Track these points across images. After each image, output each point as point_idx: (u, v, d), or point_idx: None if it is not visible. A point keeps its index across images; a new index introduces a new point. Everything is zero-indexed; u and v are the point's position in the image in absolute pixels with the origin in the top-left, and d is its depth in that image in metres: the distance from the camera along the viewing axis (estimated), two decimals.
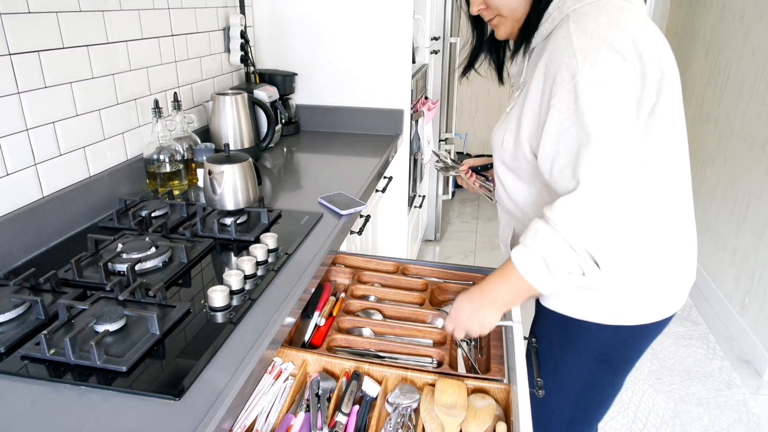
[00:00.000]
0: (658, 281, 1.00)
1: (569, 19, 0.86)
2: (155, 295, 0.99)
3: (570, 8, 0.87)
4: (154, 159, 1.50)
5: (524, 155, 0.96)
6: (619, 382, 1.12)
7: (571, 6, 0.87)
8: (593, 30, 0.83)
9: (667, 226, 0.97)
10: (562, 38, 0.85)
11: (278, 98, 2.06)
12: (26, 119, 1.17)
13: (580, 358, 1.08)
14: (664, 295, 1.02)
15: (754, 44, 2.61)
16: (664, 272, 1.00)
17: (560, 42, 0.85)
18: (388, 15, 2.09)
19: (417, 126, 2.48)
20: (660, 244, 0.97)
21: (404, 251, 2.52)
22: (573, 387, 1.12)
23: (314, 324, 1.10)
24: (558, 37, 0.86)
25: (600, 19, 0.83)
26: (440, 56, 3.11)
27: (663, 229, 0.96)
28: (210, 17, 1.88)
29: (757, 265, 2.46)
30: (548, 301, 1.08)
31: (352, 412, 0.88)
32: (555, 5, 0.90)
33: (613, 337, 1.03)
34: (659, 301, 1.02)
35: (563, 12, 0.88)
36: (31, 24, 1.16)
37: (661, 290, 1.01)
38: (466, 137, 4.59)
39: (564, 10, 0.88)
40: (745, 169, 2.62)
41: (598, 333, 1.03)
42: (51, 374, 0.81)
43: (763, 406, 2.21)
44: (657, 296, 1.01)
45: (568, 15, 0.87)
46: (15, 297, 0.96)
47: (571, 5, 0.87)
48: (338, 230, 1.33)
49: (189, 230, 1.24)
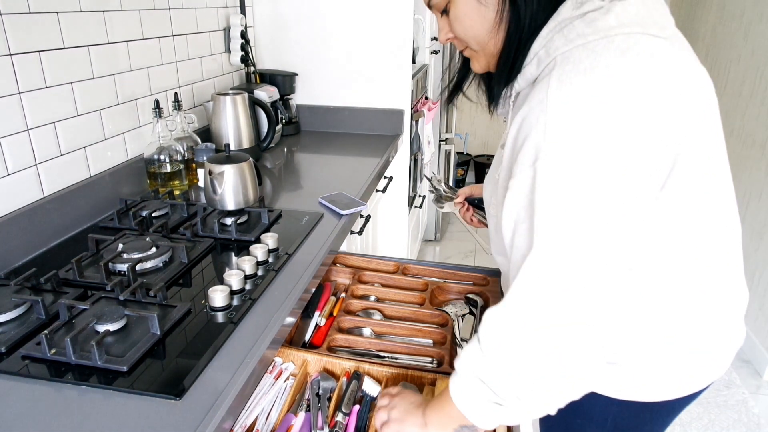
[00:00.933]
0: (689, 357, 0.80)
1: (555, 67, 0.65)
2: (156, 295, 0.99)
3: (558, 50, 0.66)
4: (155, 159, 1.50)
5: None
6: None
7: (559, 47, 0.66)
8: (576, 95, 0.62)
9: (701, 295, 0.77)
10: (538, 102, 0.64)
11: (278, 98, 2.06)
12: (27, 119, 1.17)
13: (589, 429, 0.90)
14: (695, 370, 0.81)
15: (754, 44, 2.61)
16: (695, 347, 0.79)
17: (535, 107, 0.65)
18: (388, 15, 2.09)
19: (417, 126, 2.48)
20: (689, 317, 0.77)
21: (404, 251, 2.52)
22: None
23: (315, 324, 1.10)
24: (535, 98, 0.65)
25: (592, 75, 0.61)
26: (440, 56, 3.11)
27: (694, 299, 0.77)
28: (210, 17, 1.88)
29: (757, 265, 2.47)
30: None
31: (353, 412, 0.89)
32: (540, 43, 0.69)
33: (627, 412, 0.84)
34: (688, 376, 0.81)
35: (550, 54, 0.67)
36: (32, 24, 1.16)
37: (692, 365, 0.81)
38: (466, 137, 4.60)
39: (551, 52, 0.67)
40: (744, 169, 2.62)
41: (608, 406, 0.84)
42: (52, 374, 0.81)
43: (763, 406, 2.21)
44: (686, 372, 0.81)
45: (555, 59, 0.66)
46: (16, 297, 0.96)
47: (560, 45, 0.66)
48: (338, 230, 1.33)
49: (189, 230, 1.24)
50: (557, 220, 0.63)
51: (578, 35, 0.65)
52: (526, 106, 0.67)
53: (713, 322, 0.79)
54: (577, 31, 0.65)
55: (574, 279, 0.63)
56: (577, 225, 0.62)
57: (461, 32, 0.77)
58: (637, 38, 0.63)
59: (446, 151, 3.34)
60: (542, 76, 0.68)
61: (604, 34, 0.63)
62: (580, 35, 0.65)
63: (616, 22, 0.63)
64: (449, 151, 3.37)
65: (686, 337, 0.78)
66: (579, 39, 0.65)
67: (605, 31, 0.63)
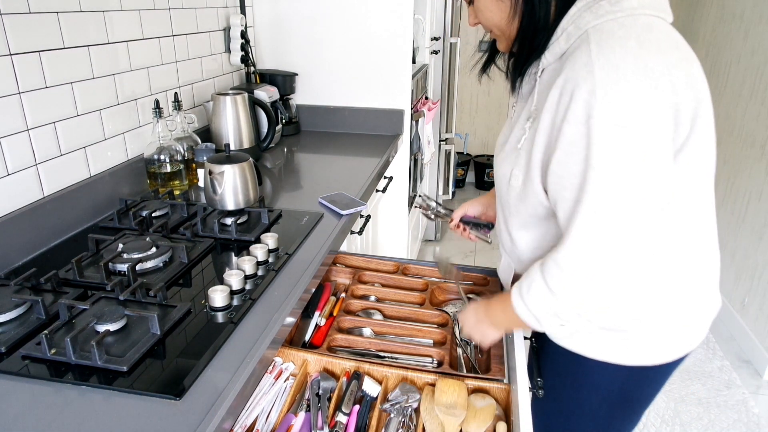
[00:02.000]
0: (683, 320, 0.91)
1: (590, 38, 0.73)
2: (156, 295, 0.99)
3: (589, 23, 0.75)
4: (155, 159, 1.50)
5: (535, 195, 0.86)
6: (636, 420, 1.04)
7: (590, 21, 0.75)
8: (620, 59, 0.70)
9: (691, 261, 0.88)
10: (583, 65, 0.72)
11: (278, 98, 2.06)
12: (27, 119, 1.17)
13: (595, 399, 0.99)
14: (688, 332, 0.93)
15: (754, 44, 2.61)
16: (688, 310, 0.91)
17: (579, 70, 0.73)
18: (388, 15, 2.09)
19: (417, 126, 2.48)
20: (684, 281, 0.88)
21: (404, 251, 2.52)
22: (586, 428, 1.03)
23: (315, 324, 1.10)
24: (578, 62, 0.73)
25: (628, 42, 0.71)
26: (440, 56, 3.11)
27: (687, 264, 0.88)
28: (210, 17, 1.88)
29: (757, 265, 2.46)
30: (563, 341, 0.97)
31: (353, 412, 0.89)
32: (569, 19, 0.78)
33: (632, 377, 0.94)
34: (682, 338, 0.93)
35: (580, 27, 0.76)
36: (32, 24, 1.16)
37: (685, 328, 0.93)
38: (466, 137, 4.60)
39: (581, 26, 0.76)
40: (744, 169, 2.62)
41: (615, 374, 0.94)
42: (52, 374, 0.81)
43: (763, 406, 2.21)
44: (681, 334, 0.93)
45: (587, 32, 0.75)
46: (16, 297, 0.96)
47: (591, 20, 0.75)
48: (338, 230, 1.33)
49: (190, 230, 1.24)
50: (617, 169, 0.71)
51: (606, 12, 0.75)
52: (567, 70, 0.75)
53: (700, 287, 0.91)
54: (605, 8, 0.75)
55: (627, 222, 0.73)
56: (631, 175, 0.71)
57: (483, 20, 0.89)
58: (654, 19, 0.75)
59: (446, 151, 3.34)
60: (574, 47, 0.77)
61: (630, 12, 0.74)
62: (609, 12, 0.75)
63: (637, 3, 0.75)
64: (449, 151, 3.37)
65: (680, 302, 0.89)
66: (608, 15, 0.74)
67: (630, 10, 0.74)
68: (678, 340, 0.92)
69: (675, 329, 0.91)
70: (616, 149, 0.71)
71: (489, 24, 0.89)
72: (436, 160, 3.33)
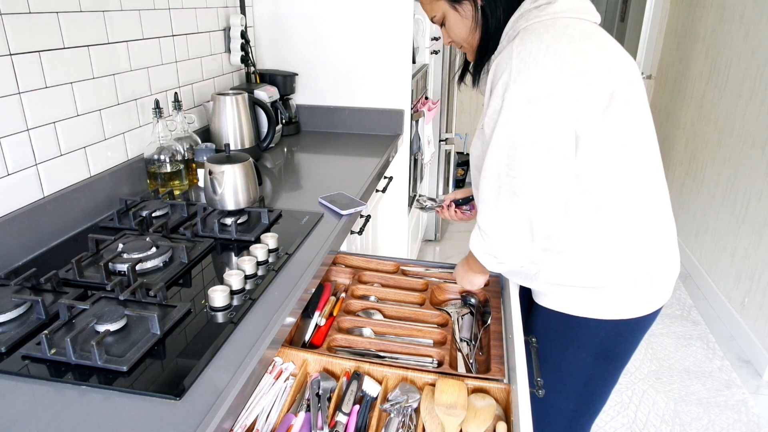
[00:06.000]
0: (651, 276, 1.05)
1: (518, 35, 0.92)
2: (156, 295, 0.99)
3: (521, 26, 0.94)
4: (155, 159, 1.50)
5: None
6: (618, 375, 1.17)
7: (522, 24, 0.94)
8: (535, 47, 0.87)
9: (650, 224, 1.02)
10: (506, 54, 0.90)
11: (279, 98, 2.06)
12: (27, 119, 1.17)
13: (581, 354, 1.11)
14: (656, 288, 1.07)
15: (754, 44, 2.61)
16: (655, 267, 1.05)
17: (503, 59, 0.90)
18: (388, 15, 2.09)
19: (417, 126, 2.48)
20: (647, 242, 1.02)
21: (404, 251, 2.52)
22: (575, 383, 1.15)
23: (315, 324, 1.10)
24: (505, 53, 0.91)
25: (544, 36, 0.88)
26: (440, 56, 3.11)
27: (647, 226, 1.01)
28: (210, 17, 1.88)
29: (757, 265, 2.46)
30: (547, 300, 1.11)
31: (353, 412, 0.89)
32: (510, 25, 0.97)
33: (612, 331, 1.08)
34: (652, 294, 1.07)
35: (516, 29, 0.95)
36: (32, 24, 1.16)
37: (654, 284, 1.06)
38: (466, 137, 4.60)
39: (516, 28, 0.94)
40: (744, 169, 2.62)
41: (597, 329, 1.07)
42: (52, 374, 0.81)
43: (763, 406, 2.21)
44: (651, 290, 1.06)
45: (518, 32, 0.93)
46: (16, 297, 0.96)
47: (522, 23, 0.94)
48: (338, 230, 1.33)
49: (189, 230, 1.24)
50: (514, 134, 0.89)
51: (535, 16, 0.93)
52: (498, 60, 0.92)
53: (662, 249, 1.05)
54: (534, 14, 0.93)
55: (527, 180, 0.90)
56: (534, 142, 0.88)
57: (454, 36, 1.06)
58: (573, 20, 0.92)
59: (446, 151, 3.34)
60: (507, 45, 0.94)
61: (552, 16, 0.92)
62: (536, 16, 0.93)
63: (559, 9, 0.93)
64: (449, 151, 3.37)
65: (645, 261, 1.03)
66: (535, 19, 0.93)
67: (552, 14, 0.92)
68: (648, 295, 1.06)
69: (644, 286, 1.05)
70: (522, 119, 0.87)
71: (458, 39, 1.06)
72: (436, 160, 3.33)
